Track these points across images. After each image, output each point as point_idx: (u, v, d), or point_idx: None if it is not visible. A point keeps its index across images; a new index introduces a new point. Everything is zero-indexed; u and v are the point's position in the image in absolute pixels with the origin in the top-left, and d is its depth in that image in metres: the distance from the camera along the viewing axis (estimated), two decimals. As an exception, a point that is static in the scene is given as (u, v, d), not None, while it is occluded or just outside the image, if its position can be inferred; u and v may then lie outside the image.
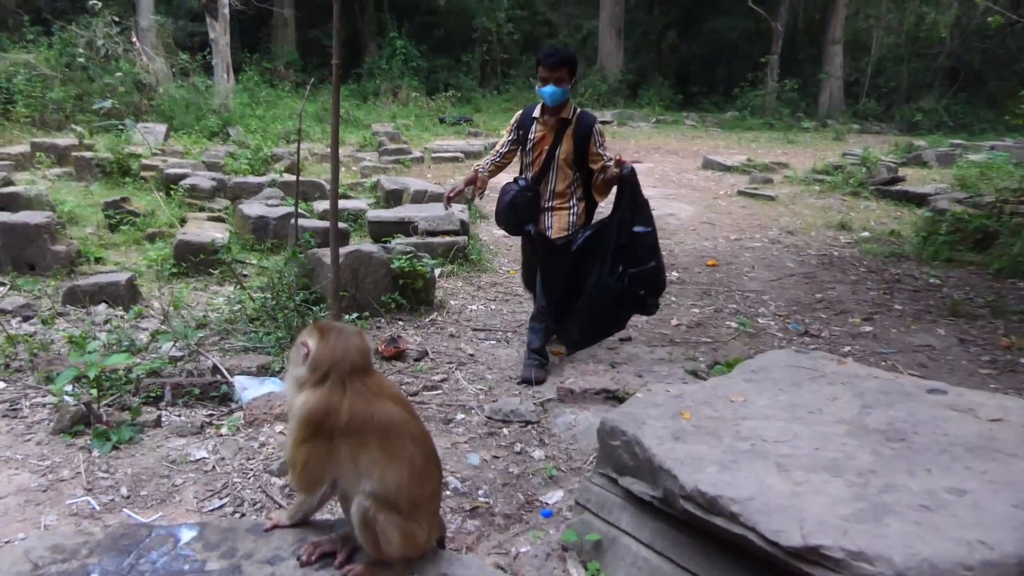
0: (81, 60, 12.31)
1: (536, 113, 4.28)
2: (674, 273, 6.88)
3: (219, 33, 14.48)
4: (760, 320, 5.57)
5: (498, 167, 4.47)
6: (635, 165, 4.10)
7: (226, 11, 14.16)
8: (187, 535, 1.83)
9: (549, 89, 4.05)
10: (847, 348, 5.00)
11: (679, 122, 21.46)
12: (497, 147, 4.49)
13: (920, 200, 10.10)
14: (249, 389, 3.66)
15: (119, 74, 12.45)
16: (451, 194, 4.42)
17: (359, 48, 23.61)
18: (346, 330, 1.90)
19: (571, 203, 4.25)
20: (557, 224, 4.22)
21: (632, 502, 2.29)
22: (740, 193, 11.21)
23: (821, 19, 23.86)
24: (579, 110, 4.26)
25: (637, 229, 4.05)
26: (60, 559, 1.73)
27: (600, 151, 4.15)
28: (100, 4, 12.54)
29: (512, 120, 4.47)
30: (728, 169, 13.38)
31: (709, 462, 2.00)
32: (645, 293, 4.11)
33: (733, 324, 5.45)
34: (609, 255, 4.08)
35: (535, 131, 4.25)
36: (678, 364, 4.26)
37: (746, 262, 7.36)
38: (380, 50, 22.63)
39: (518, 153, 4.43)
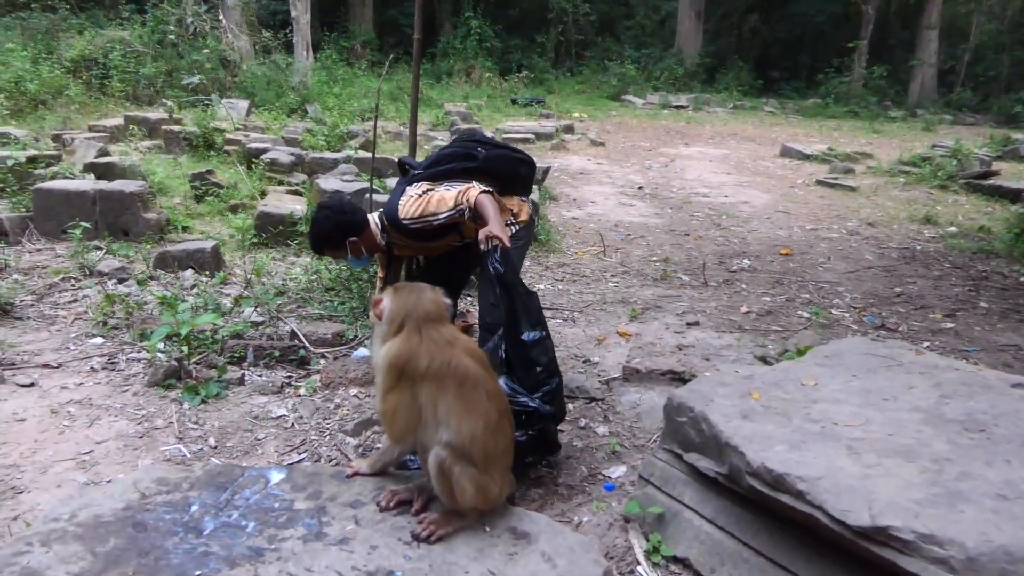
0: (172, 37, 12.86)
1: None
2: (745, 261, 6.76)
3: (300, 12, 14.86)
4: (834, 311, 5.43)
5: None
6: (502, 244, 2.70)
7: (308, -10, 14.53)
8: (276, 477, 1.97)
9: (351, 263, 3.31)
10: (926, 343, 4.83)
11: (757, 108, 20.88)
12: None
13: (1015, 196, 9.57)
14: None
15: (206, 51, 12.95)
16: None
17: (434, 28, 23.81)
18: (417, 286, 1.99)
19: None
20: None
21: (696, 478, 2.31)
22: (819, 183, 10.87)
23: (916, 3, 22.64)
24: (379, 224, 3.17)
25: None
26: (165, 490, 1.89)
27: (446, 218, 2.92)
28: (192, -17, 13.09)
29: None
30: (807, 158, 12.98)
31: (777, 441, 2.00)
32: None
33: (805, 314, 5.33)
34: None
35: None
36: (746, 350, 4.21)
37: (822, 252, 7.16)
38: (455, 30, 22.77)
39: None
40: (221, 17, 13.86)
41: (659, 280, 6.08)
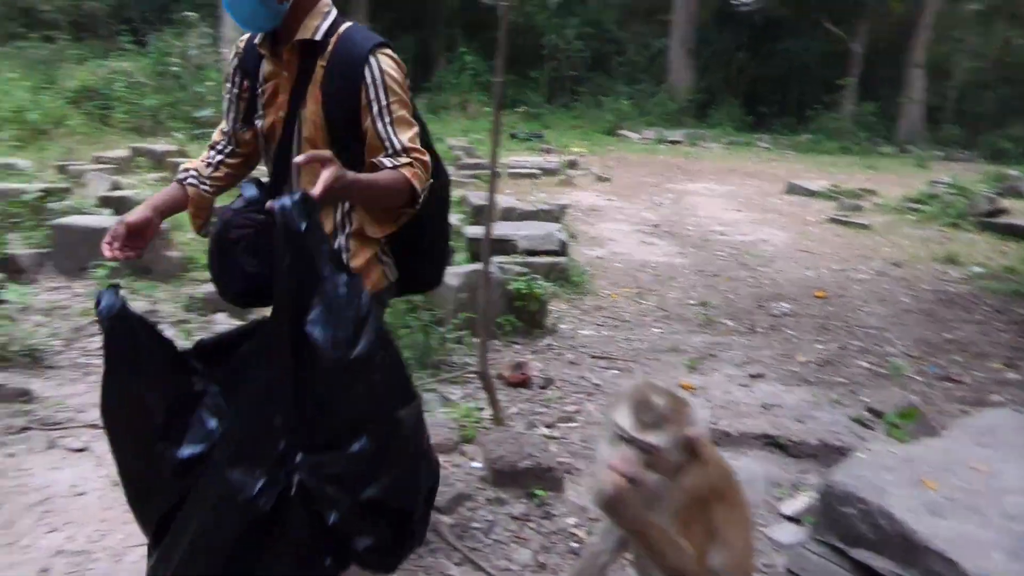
0: (175, 69, 12.66)
1: (258, 38, 2.04)
2: (784, 304, 6.62)
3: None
4: (890, 360, 5.29)
5: (229, 170, 2.20)
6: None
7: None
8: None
9: None
10: (996, 396, 4.70)
11: (751, 144, 21.06)
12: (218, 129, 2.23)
13: (1029, 234, 9.64)
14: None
15: (210, 83, 12.77)
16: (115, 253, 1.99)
17: (428, 62, 23.84)
18: (678, 396, 1.74)
19: (339, 237, 2.02)
20: None
21: (866, 576, 2.09)
22: (831, 220, 10.85)
23: (901, 42, 23.18)
24: (344, 27, 1.97)
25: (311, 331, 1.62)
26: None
27: (383, 127, 1.89)
28: (196, 15, 12.93)
29: (232, 56, 2.19)
30: (813, 194, 13.00)
31: (990, 547, 1.80)
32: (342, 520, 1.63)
33: (863, 363, 5.19)
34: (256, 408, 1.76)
35: (263, 75, 2.05)
36: (836, 409, 4.03)
37: (857, 295, 7.06)
38: (449, 64, 22.81)
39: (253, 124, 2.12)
40: (222, 50, 13.73)
41: (704, 326, 5.91)
